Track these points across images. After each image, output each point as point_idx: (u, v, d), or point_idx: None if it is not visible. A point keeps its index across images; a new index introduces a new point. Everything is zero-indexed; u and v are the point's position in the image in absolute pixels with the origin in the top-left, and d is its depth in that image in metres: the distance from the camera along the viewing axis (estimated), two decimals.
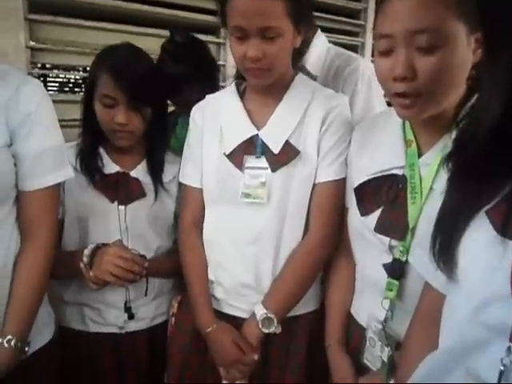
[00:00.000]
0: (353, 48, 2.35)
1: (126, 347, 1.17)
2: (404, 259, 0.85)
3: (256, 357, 1.01)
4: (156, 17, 1.79)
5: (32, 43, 1.62)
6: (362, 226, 0.91)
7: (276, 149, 1.02)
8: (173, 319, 1.19)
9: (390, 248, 0.86)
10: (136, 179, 1.17)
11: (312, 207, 1.05)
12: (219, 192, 1.06)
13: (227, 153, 1.05)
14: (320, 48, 1.29)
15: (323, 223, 1.04)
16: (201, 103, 1.13)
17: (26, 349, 0.90)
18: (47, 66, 1.92)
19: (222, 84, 1.61)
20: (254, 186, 1.02)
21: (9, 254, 0.90)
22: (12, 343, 0.86)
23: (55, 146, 0.94)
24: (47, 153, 0.92)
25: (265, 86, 1.03)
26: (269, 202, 1.02)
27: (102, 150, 1.17)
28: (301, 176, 1.03)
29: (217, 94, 1.16)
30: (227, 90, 1.13)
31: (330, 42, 1.36)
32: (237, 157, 1.04)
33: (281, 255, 1.05)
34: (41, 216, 0.93)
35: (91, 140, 1.15)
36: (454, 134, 0.70)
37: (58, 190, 0.97)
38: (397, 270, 0.86)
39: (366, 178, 0.92)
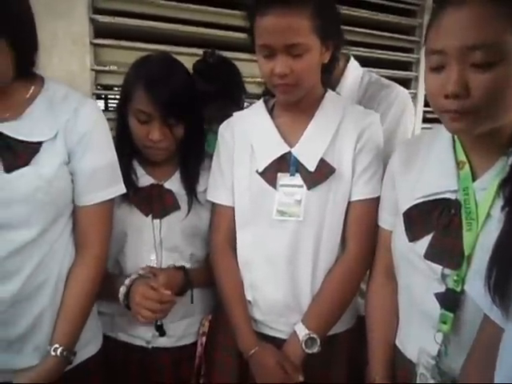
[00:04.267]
0: (407, 64, 2.30)
1: (150, 362, 1.15)
2: (459, 289, 0.79)
3: (301, 378, 0.99)
4: (206, 38, 1.85)
5: (95, 66, 1.72)
6: (409, 251, 0.86)
7: (311, 167, 1.01)
8: (203, 338, 1.18)
9: (443, 277, 0.81)
10: (170, 191, 1.15)
11: (348, 225, 1.04)
12: (252, 210, 1.05)
13: (260, 170, 1.04)
14: (354, 75, 1.27)
15: (360, 241, 1.03)
16: (230, 120, 1.14)
17: (72, 358, 0.93)
18: (107, 86, 2.03)
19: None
20: (289, 204, 1.01)
21: (64, 266, 0.94)
22: (58, 352, 0.89)
23: (109, 164, 0.98)
24: (101, 170, 0.96)
25: (294, 103, 1.03)
26: (305, 219, 1.01)
27: (135, 162, 1.16)
28: (336, 194, 1.02)
29: (245, 111, 1.17)
30: (256, 107, 1.14)
31: (384, 59, 1.34)
32: (270, 174, 1.03)
33: (318, 273, 1.03)
34: (94, 230, 0.97)
35: (125, 154, 1.12)
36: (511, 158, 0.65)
37: (111, 205, 1.01)
38: (451, 300, 0.80)
39: (414, 202, 0.87)
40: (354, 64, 1.29)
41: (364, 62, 1.34)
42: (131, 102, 1.09)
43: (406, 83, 2.24)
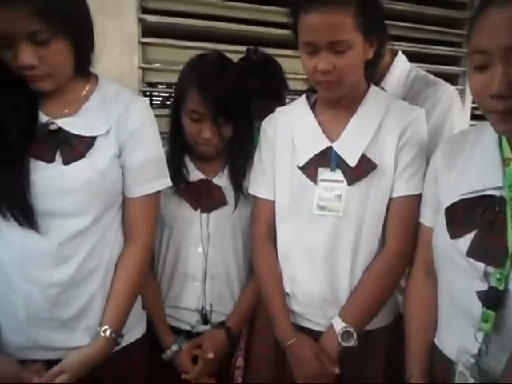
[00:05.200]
0: (455, 59, 2.23)
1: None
2: (502, 288, 0.77)
3: (337, 370, 1.00)
4: (249, 35, 1.88)
5: (143, 64, 1.79)
6: (451, 248, 0.85)
7: (353, 162, 1.02)
8: (243, 330, 1.22)
9: (486, 275, 0.79)
10: (218, 187, 1.20)
11: (389, 221, 1.04)
12: (292, 204, 1.07)
13: (300, 165, 1.05)
14: (400, 70, 1.25)
15: (400, 237, 1.03)
16: (272, 116, 1.15)
17: (120, 340, 0.98)
18: (152, 82, 2.10)
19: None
20: (329, 199, 1.02)
21: (113, 254, 1.00)
22: (107, 333, 0.95)
23: (156, 158, 1.03)
24: (149, 164, 1.01)
25: (337, 99, 1.03)
26: (345, 215, 1.02)
27: (187, 158, 1.21)
28: (377, 190, 1.02)
29: (287, 106, 1.18)
30: (298, 103, 1.15)
31: (430, 54, 1.31)
32: (310, 169, 1.05)
33: (356, 268, 1.04)
34: (141, 221, 1.02)
35: (178, 150, 1.19)
36: None
37: (157, 197, 1.05)
38: (493, 299, 0.78)
39: (457, 199, 0.86)
40: (401, 59, 1.27)
41: (409, 57, 1.32)
42: (184, 102, 1.14)
43: (453, 79, 2.17)
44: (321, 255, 1.04)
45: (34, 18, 0.81)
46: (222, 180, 1.21)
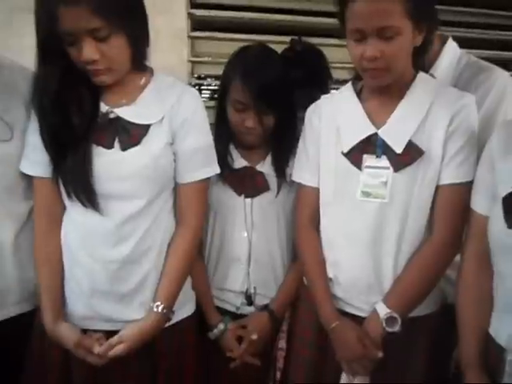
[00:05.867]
0: (509, 43, 2.12)
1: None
2: None
3: (380, 354, 1.01)
4: (294, 25, 1.89)
5: (192, 58, 1.86)
6: (508, 238, 0.83)
7: (399, 148, 1.01)
8: (286, 313, 1.26)
9: None
10: (261, 173, 1.24)
11: (438, 209, 1.03)
12: (336, 190, 1.08)
13: (345, 151, 1.06)
14: (450, 57, 1.21)
15: (449, 225, 1.02)
16: (317, 103, 1.16)
17: (171, 316, 1.05)
18: (201, 76, 2.17)
19: None
20: (374, 186, 1.03)
21: (166, 236, 1.07)
22: (160, 309, 1.02)
23: (206, 146, 1.08)
24: (199, 152, 1.06)
25: (383, 86, 1.03)
26: (390, 201, 1.02)
27: (232, 147, 1.26)
28: (424, 177, 1.01)
29: (333, 93, 1.19)
30: (343, 90, 1.15)
31: (482, 39, 1.27)
32: (355, 155, 1.05)
33: (401, 255, 1.04)
34: (191, 206, 1.08)
35: (223, 138, 1.24)
36: None
37: (207, 183, 1.11)
38: None
39: None
40: (451, 45, 1.24)
41: (460, 42, 1.28)
42: (229, 92, 1.19)
43: (507, 64, 2.08)
44: (365, 241, 1.05)
45: (95, 17, 0.88)
46: (264, 167, 1.25)
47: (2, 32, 1.77)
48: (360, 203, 1.05)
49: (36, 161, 1.02)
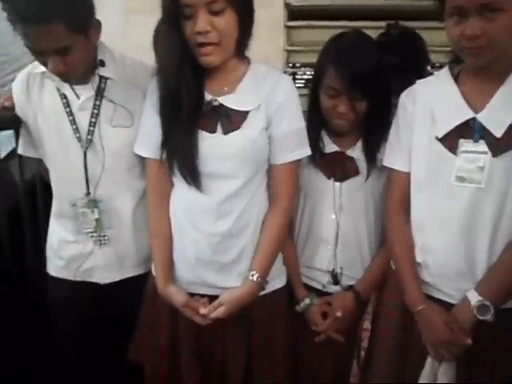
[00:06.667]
0: None
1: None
2: None
3: (469, 341, 1.00)
4: (391, 9, 1.85)
5: (287, 47, 1.92)
6: None
7: (499, 133, 0.98)
8: (372, 295, 1.28)
9: None
10: (351, 158, 1.26)
11: None
12: (429, 175, 1.07)
13: (439, 136, 1.05)
14: None
15: None
16: (412, 88, 1.14)
17: (265, 285, 1.15)
18: (297, 64, 2.23)
19: None
20: (470, 170, 1.00)
21: (260, 213, 1.17)
22: (255, 278, 1.12)
23: (298, 130, 1.15)
24: (292, 135, 1.14)
25: (483, 68, 0.99)
26: (487, 187, 0.99)
27: (323, 132, 1.29)
28: None
29: (428, 78, 1.16)
30: (440, 74, 1.12)
31: None
32: (450, 140, 1.03)
33: (497, 242, 1.01)
34: (283, 186, 1.16)
35: (315, 124, 1.26)
36: None
37: (298, 165, 1.18)
38: None
39: None
40: None
41: None
42: (322, 78, 1.23)
43: None
44: (457, 227, 1.04)
45: None
46: (355, 152, 1.27)
47: (120, 31, 2.01)
48: (454, 188, 1.03)
49: (148, 144, 1.17)
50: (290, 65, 2.08)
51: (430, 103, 1.09)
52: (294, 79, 2.92)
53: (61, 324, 1.40)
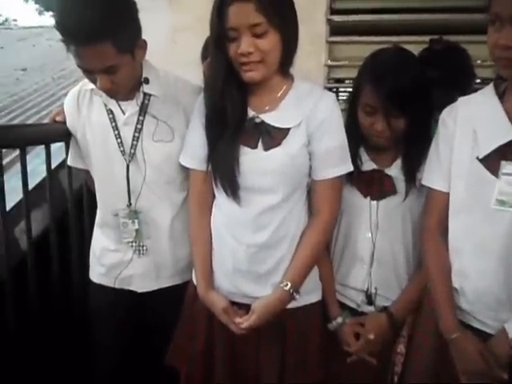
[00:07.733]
0: None
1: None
2: None
3: (505, 376, 0.96)
4: (435, 24, 1.82)
5: (329, 62, 1.93)
6: None
7: None
8: (408, 318, 1.25)
9: None
10: (389, 176, 1.24)
11: None
12: (468, 197, 1.04)
13: (481, 157, 1.01)
14: None
15: None
16: (454, 105, 1.11)
17: (296, 296, 1.15)
18: (338, 79, 2.23)
19: None
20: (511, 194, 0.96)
21: (299, 227, 1.18)
22: (286, 287, 1.13)
23: (340, 146, 1.15)
24: (334, 151, 1.14)
25: None
26: None
27: (361, 149, 1.28)
28: None
29: (472, 95, 1.12)
30: (484, 91, 1.08)
31: None
32: (492, 161, 1.00)
33: None
34: (325, 201, 1.17)
35: (353, 141, 1.23)
36: None
37: (340, 181, 1.18)
38: None
39: None
40: None
41: None
42: (360, 95, 1.22)
43: None
44: (497, 252, 0.99)
45: (257, 13, 1.02)
46: (393, 170, 1.25)
47: (167, 49, 2.09)
48: (493, 212, 0.99)
49: (193, 156, 1.21)
50: (331, 79, 2.08)
51: (472, 121, 1.06)
52: (337, 93, 2.93)
53: (101, 328, 1.46)
